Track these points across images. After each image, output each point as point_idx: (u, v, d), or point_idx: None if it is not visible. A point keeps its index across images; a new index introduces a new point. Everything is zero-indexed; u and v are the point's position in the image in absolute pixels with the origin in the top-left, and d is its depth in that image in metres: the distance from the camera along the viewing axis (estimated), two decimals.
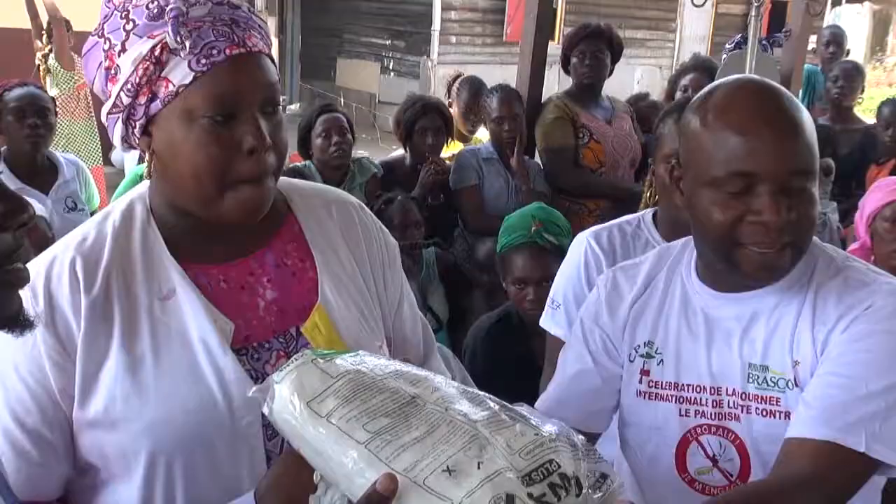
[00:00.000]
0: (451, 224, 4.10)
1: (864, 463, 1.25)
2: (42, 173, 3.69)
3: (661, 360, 1.49)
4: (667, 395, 1.48)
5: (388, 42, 15.56)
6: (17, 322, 0.95)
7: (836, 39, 6.41)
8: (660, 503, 1.52)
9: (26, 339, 1.19)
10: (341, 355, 1.09)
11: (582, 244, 2.13)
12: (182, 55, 1.20)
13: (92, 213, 3.80)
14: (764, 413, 1.40)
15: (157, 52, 1.20)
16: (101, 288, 1.26)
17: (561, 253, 2.83)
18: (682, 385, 1.47)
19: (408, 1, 15.07)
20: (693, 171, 1.40)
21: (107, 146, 6.89)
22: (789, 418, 1.35)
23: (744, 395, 1.42)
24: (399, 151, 4.52)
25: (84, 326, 1.24)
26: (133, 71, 1.21)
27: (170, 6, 1.20)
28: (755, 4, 4.28)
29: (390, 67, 15.53)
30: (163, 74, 1.21)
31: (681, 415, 1.47)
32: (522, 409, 1.06)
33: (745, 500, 1.25)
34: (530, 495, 0.90)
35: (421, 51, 14.83)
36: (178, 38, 1.18)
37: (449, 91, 5.48)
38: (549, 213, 3.01)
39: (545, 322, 2.19)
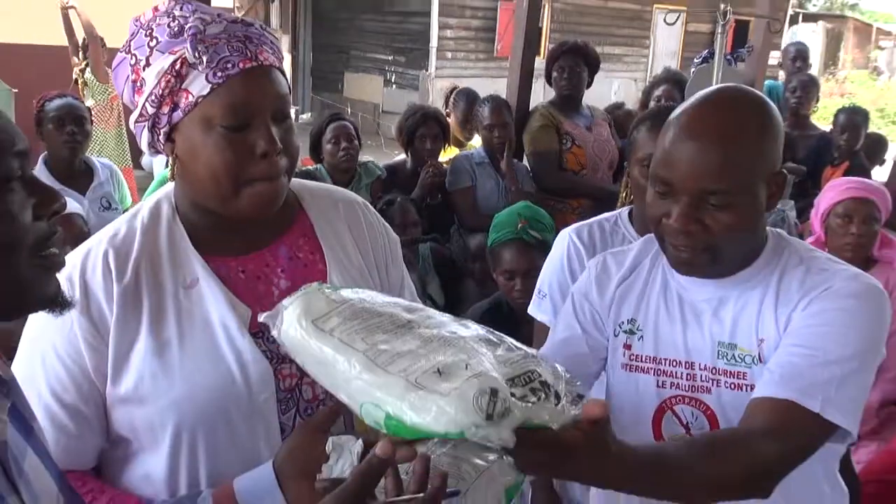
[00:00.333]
0: (448, 222, 4.09)
1: (819, 425, 1.24)
2: (79, 176, 3.67)
3: (642, 336, 1.49)
4: (646, 368, 1.48)
5: (390, 57, 15.53)
6: (55, 302, 0.94)
7: (802, 55, 6.42)
8: None
9: (64, 324, 1.21)
10: (346, 288, 1.09)
11: (565, 239, 2.11)
12: (200, 69, 1.19)
13: (124, 213, 3.79)
14: (732, 386, 1.40)
15: (177, 67, 1.19)
16: (132, 277, 1.26)
17: (545, 247, 2.81)
18: (660, 359, 1.47)
19: (408, 20, 15.03)
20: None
21: (136, 152, 6.90)
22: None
23: (714, 370, 1.42)
24: (401, 156, 4.50)
25: (116, 312, 1.24)
26: (156, 83, 1.21)
27: (189, 24, 1.20)
28: (721, 23, 4.28)
29: (392, 80, 15.50)
30: (183, 86, 1.20)
31: (658, 386, 1.46)
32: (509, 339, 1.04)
33: (711, 442, 1.23)
34: (513, 394, 0.88)
35: (420, 65, 14.82)
36: (196, 54, 1.19)
37: (447, 102, 5.48)
38: (535, 211, 3.00)
39: (532, 310, 2.18)
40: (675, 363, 1.45)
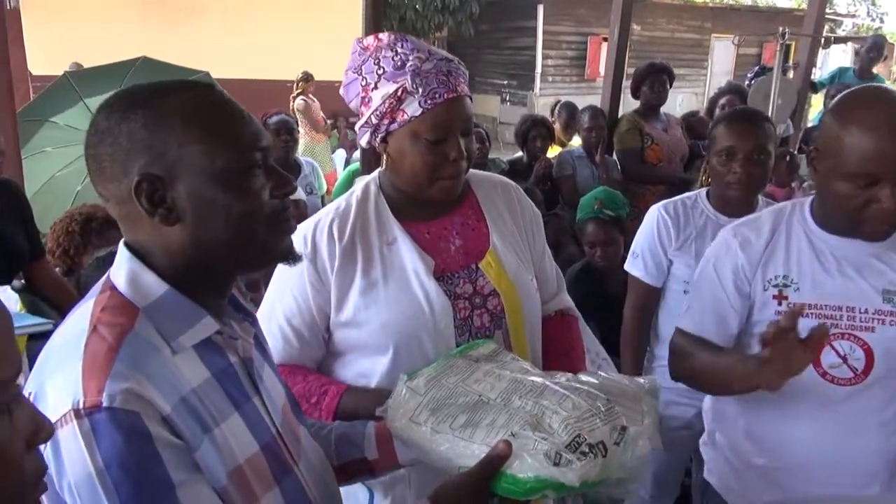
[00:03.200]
0: (556, 201, 3.98)
1: None
2: (291, 170, 3.75)
3: (798, 288, 1.36)
4: (806, 313, 1.33)
5: (505, 82, 15.30)
6: (288, 257, 0.93)
7: (877, 47, 5.31)
8: (798, 387, 1.35)
9: (298, 272, 1.25)
10: (423, 371, 1.07)
11: (654, 212, 2.03)
12: (415, 96, 1.20)
13: (321, 196, 3.90)
14: (893, 323, 1.31)
15: (399, 93, 1.20)
16: (349, 237, 1.29)
17: (619, 222, 2.67)
18: (820, 305, 1.34)
19: (519, 54, 14.76)
20: (832, 161, 1.26)
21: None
22: None
23: (880, 311, 1.32)
24: (518, 153, 4.44)
25: (337, 263, 1.27)
26: (382, 103, 1.22)
27: (409, 62, 1.20)
28: (780, 42, 4.08)
29: (507, 99, 15.29)
30: (401, 107, 1.21)
31: None
32: (561, 381, 0.99)
33: None
34: (570, 452, 0.88)
35: (528, 87, 14.56)
36: (414, 85, 1.19)
37: (552, 112, 5.38)
38: (609, 193, 2.82)
39: (628, 266, 2.10)
40: (834, 308, 1.33)
